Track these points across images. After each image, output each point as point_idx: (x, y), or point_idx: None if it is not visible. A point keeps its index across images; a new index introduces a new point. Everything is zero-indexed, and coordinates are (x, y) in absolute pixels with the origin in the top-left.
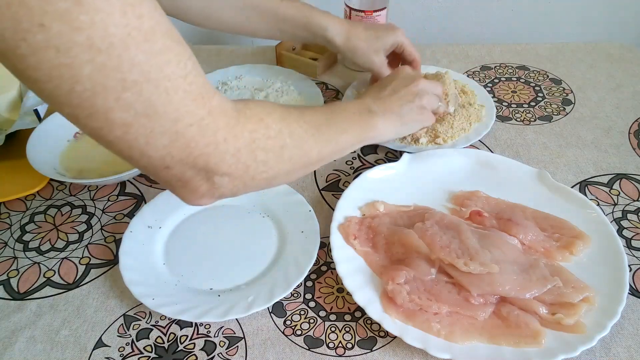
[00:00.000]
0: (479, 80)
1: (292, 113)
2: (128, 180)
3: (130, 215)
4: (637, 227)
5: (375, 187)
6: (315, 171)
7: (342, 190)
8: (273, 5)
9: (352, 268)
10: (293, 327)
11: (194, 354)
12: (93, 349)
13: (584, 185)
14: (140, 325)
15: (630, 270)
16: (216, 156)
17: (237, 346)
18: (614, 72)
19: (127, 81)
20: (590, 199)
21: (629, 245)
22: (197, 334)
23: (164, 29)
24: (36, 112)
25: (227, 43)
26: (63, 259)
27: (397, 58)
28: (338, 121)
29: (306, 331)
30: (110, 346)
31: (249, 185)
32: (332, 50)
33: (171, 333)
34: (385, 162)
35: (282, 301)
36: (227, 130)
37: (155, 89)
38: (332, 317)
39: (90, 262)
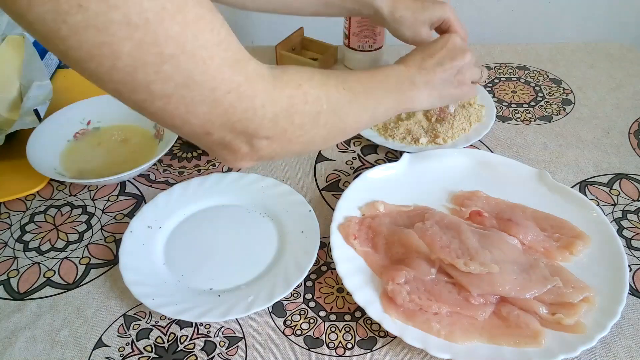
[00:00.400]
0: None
1: (331, 78)
2: (128, 180)
3: (130, 215)
4: (637, 227)
5: (375, 187)
6: (315, 171)
7: (342, 190)
8: None
9: (352, 268)
10: (293, 327)
11: (194, 354)
12: (93, 349)
13: (584, 185)
14: (140, 325)
15: (630, 270)
16: (254, 121)
17: (237, 346)
18: (614, 72)
19: (165, 54)
20: (590, 199)
21: (629, 245)
22: (197, 334)
23: None
24: (36, 112)
25: None
26: (63, 259)
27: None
28: (378, 90)
29: (306, 331)
30: (110, 346)
31: (286, 149)
32: (377, 23)
33: (171, 333)
34: (385, 162)
35: (282, 301)
36: (265, 96)
37: (192, 59)
38: (332, 317)
39: (90, 262)
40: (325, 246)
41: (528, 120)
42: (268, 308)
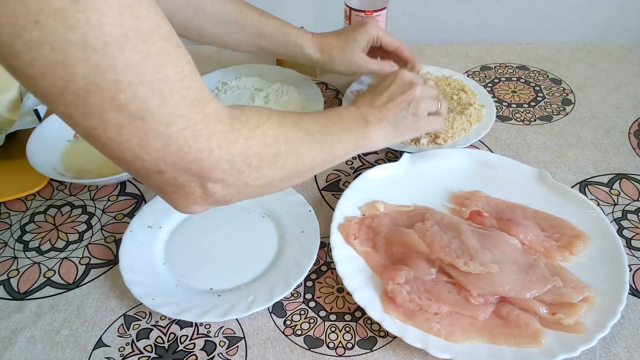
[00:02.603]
0: (479, 80)
1: (288, 119)
2: (128, 180)
3: (130, 215)
4: (637, 227)
5: (375, 187)
6: None
7: (342, 190)
8: (252, 21)
9: (352, 268)
10: (293, 327)
11: (194, 354)
12: (93, 349)
13: (584, 185)
14: (140, 325)
15: (630, 270)
16: (210, 162)
17: (237, 346)
18: (614, 72)
19: (122, 82)
20: (590, 199)
21: (629, 245)
22: (197, 334)
23: (163, 32)
24: (36, 112)
25: None
26: (63, 259)
27: (385, 52)
28: (333, 130)
29: (306, 331)
30: (110, 346)
31: (242, 192)
32: (317, 67)
33: (171, 333)
34: (385, 162)
35: (282, 301)
36: (222, 137)
37: (150, 91)
38: (332, 317)
39: (90, 262)
40: (325, 246)
41: (528, 120)
42: (268, 308)
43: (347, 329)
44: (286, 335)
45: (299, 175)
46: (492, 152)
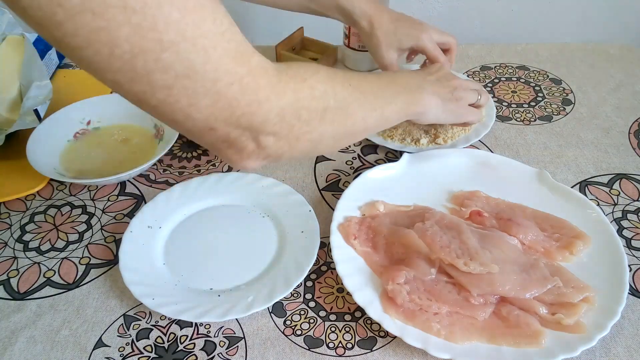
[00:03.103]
0: (479, 80)
1: (338, 75)
2: (128, 180)
3: (130, 215)
4: (637, 227)
5: (375, 187)
6: (315, 171)
7: (342, 190)
8: None
9: (352, 268)
10: (293, 327)
11: (194, 354)
12: (93, 349)
13: (584, 185)
14: (140, 325)
15: (630, 270)
16: (260, 115)
17: (237, 346)
18: (614, 72)
19: (164, 41)
20: (590, 199)
21: (629, 245)
22: (197, 334)
23: None
24: (36, 112)
25: None
26: (63, 259)
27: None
28: (386, 91)
29: (306, 331)
30: (110, 346)
31: (294, 147)
32: (358, 30)
33: (171, 333)
34: (385, 162)
35: (282, 301)
36: (269, 89)
37: (193, 47)
38: (332, 317)
39: (90, 262)
40: (325, 246)
41: (528, 120)
42: (268, 308)
43: (347, 329)
44: (286, 335)
45: (351, 135)
46: (492, 152)
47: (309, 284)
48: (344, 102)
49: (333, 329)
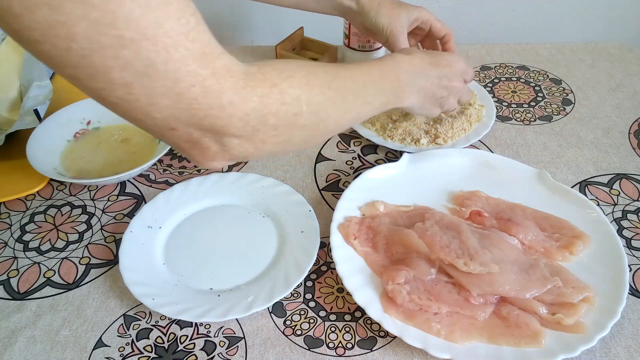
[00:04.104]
0: (479, 80)
1: (319, 77)
2: (128, 180)
3: (130, 215)
4: (637, 227)
5: (375, 187)
6: (315, 171)
7: (342, 190)
8: None
9: (352, 268)
10: (293, 327)
11: (194, 354)
12: (93, 349)
13: (584, 185)
14: (140, 325)
15: (630, 270)
16: (222, 119)
17: (237, 346)
18: (614, 72)
19: (124, 38)
20: (590, 199)
21: (629, 245)
22: (197, 334)
23: None
24: (36, 112)
25: (227, 43)
26: (63, 259)
27: (429, 38)
28: (368, 90)
29: (306, 331)
30: (110, 346)
31: (260, 149)
32: (346, 16)
33: (171, 333)
34: (385, 162)
35: (282, 301)
36: (234, 93)
37: (153, 46)
38: (332, 317)
39: (90, 262)
40: (325, 246)
41: (528, 120)
42: (268, 308)
43: (347, 329)
44: (286, 335)
45: (322, 135)
46: (492, 152)
47: (309, 284)
48: (318, 107)
49: (333, 329)
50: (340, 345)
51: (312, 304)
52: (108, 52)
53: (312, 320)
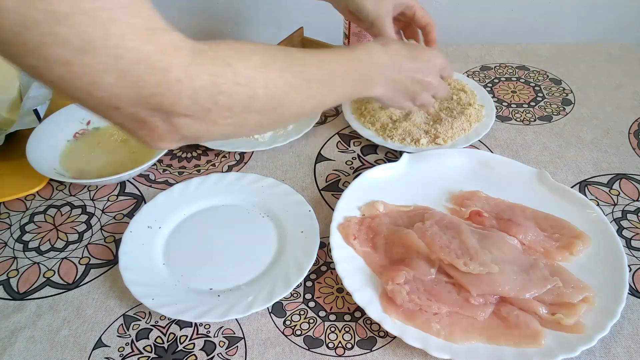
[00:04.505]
0: (479, 80)
1: (278, 60)
2: (128, 180)
3: (130, 215)
4: (637, 227)
5: (375, 187)
6: (315, 171)
7: (342, 190)
8: None
9: (352, 268)
10: (293, 327)
11: (194, 354)
12: (93, 349)
13: (583, 185)
14: (140, 325)
15: (630, 270)
16: (169, 97)
17: (237, 346)
18: (614, 72)
19: (58, 12)
20: (590, 199)
21: (628, 245)
22: (197, 334)
23: None
24: (36, 112)
25: None
26: (63, 259)
27: (408, 26)
28: (335, 78)
29: (306, 331)
30: (110, 346)
31: (212, 130)
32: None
33: (171, 333)
34: (385, 162)
35: (282, 301)
36: (181, 70)
37: (89, 20)
38: (332, 317)
39: (90, 262)
40: (325, 246)
41: (528, 120)
42: (268, 308)
43: (347, 329)
44: (286, 336)
45: (281, 121)
46: (491, 152)
47: (309, 284)
48: (277, 91)
49: (333, 329)
50: (340, 345)
51: (311, 304)
52: (42, 28)
53: (311, 321)
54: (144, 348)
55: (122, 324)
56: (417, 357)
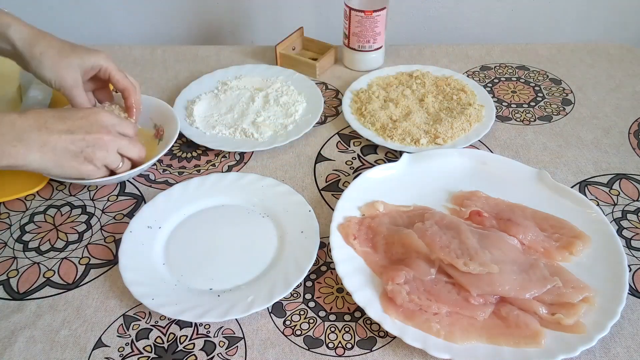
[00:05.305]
0: (479, 80)
1: None
2: (128, 180)
3: (130, 215)
4: (637, 227)
5: (375, 187)
6: (315, 171)
7: (342, 190)
8: None
9: (352, 268)
10: (293, 327)
11: (194, 354)
12: (93, 349)
13: (583, 185)
14: (140, 325)
15: (630, 270)
16: None
17: (237, 346)
18: (614, 72)
19: None
20: (590, 199)
21: (628, 245)
22: (197, 334)
23: None
24: None
25: (227, 43)
26: (63, 259)
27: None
28: None
29: (306, 331)
30: (109, 346)
31: None
32: (19, 64)
33: (171, 333)
34: (385, 162)
35: (282, 301)
36: None
37: None
38: (332, 317)
39: (90, 262)
40: (325, 246)
41: (528, 120)
42: (268, 308)
43: (347, 329)
44: (286, 336)
45: None
46: (491, 152)
47: (309, 284)
48: None
49: (333, 329)
50: (339, 345)
51: (311, 304)
52: None
53: (311, 321)
54: (144, 348)
55: (122, 324)
56: (417, 357)
